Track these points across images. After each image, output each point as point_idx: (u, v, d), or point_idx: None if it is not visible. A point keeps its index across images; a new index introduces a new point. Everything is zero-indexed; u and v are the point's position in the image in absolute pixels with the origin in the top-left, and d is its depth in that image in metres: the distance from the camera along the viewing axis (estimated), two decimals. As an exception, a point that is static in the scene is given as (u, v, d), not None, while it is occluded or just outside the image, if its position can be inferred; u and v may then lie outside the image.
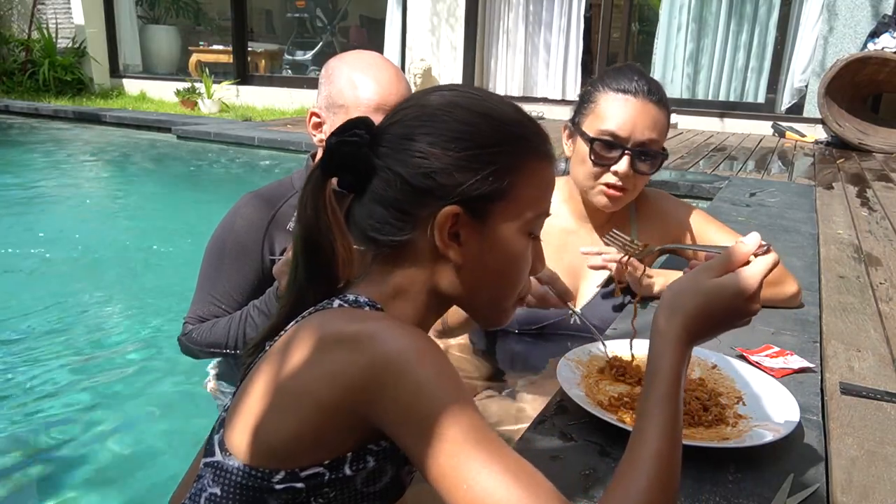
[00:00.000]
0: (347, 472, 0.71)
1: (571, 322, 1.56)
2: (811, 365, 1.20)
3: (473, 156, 0.75)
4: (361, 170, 0.78)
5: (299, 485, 0.69)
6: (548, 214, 0.83)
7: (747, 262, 0.71)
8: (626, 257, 1.27)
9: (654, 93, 1.45)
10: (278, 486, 0.69)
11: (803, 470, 0.89)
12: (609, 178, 1.46)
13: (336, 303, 0.77)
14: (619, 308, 1.55)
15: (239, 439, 0.72)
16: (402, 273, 0.80)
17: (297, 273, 0.81)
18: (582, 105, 1.52)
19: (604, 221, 1.58)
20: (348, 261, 0.82)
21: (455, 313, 1.36)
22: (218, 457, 0.73)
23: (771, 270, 0.71)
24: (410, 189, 0.75)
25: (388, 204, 0.77)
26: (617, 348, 1.21)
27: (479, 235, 0.77)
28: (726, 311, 0.71)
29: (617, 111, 1.43)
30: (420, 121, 0.77)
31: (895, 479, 0.89)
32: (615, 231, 1.33)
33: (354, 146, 0.77)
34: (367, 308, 0.77)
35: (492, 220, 0.77)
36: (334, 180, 0.79)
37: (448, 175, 0.75)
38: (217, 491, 0.72)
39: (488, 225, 0.77)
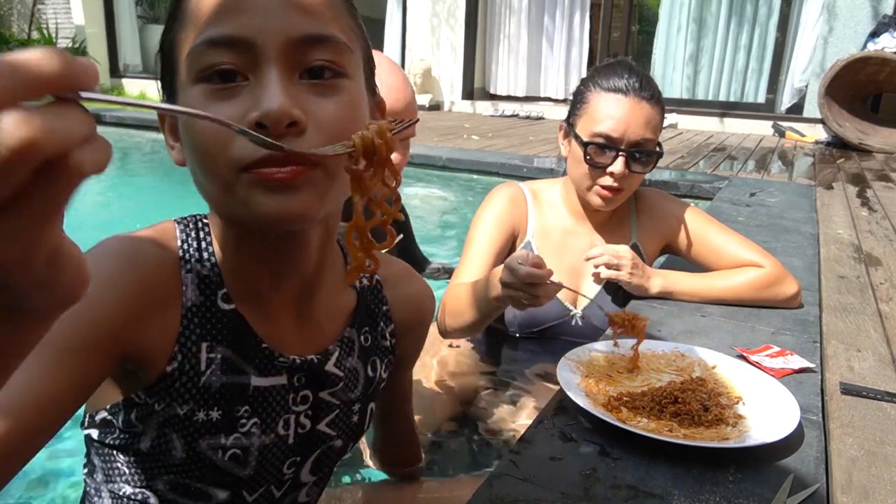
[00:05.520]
0: (118, 422, 0.73)
1: (573, 325, 1.56)
2: (811, 365, 1.20)
3: None
4: None
5: (94, 432, 0.75)
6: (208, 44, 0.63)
7: None
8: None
9: (646, 89, 1.44)
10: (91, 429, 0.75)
11: (803, 470, 0.89)
12: (605, 179, 1.46)
13: None
14: (620, 307, 1.55)
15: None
16: None
17: None
18: (575, 105, 1.52)
19: (603, 220, 1.59)
20: None
21: (454, 315, 1.36)
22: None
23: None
24: None
25: None
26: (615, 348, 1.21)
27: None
28: None
29: (609, 112, 1.43)
30: None
31: (895, 479, 0.89)
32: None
33: None
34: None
35: None
36: None
37: None
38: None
39: None
